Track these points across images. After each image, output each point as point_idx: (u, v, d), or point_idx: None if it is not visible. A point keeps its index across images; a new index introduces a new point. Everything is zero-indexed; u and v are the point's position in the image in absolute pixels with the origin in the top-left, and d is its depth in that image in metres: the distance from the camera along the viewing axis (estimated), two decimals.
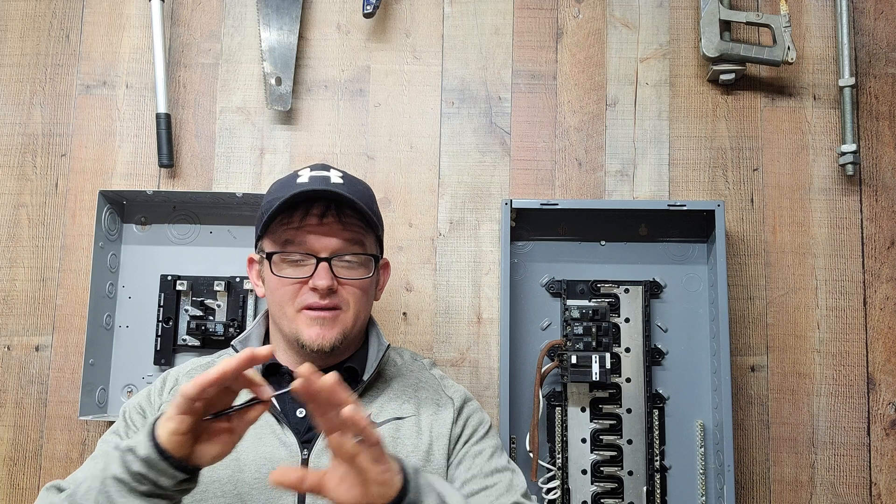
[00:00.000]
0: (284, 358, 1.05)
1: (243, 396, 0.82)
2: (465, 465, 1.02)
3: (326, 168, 1.06)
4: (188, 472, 0.79)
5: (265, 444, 0.97)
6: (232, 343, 1.07)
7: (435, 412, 1.04)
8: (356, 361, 1.05)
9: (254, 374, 0.80)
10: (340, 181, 1.03)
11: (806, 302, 1.41)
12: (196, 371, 1.08)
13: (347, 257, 1.01)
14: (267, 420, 0.99)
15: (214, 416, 0.79)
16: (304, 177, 1.03)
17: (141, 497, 0.78)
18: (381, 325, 1.40)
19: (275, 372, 1.04)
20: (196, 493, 0.93)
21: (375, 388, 1.05)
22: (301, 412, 1.00)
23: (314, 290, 0.99)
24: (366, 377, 1.03)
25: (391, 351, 1.13)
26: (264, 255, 1.04)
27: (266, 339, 1.09)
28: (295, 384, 0.73)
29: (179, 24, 1.52)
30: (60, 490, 0.93)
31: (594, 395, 1.37)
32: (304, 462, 0.95)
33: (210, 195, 1.40)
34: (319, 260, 0.99)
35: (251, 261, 1.11)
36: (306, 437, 0.97)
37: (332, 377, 0.73)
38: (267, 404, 0.81)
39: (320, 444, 0.97)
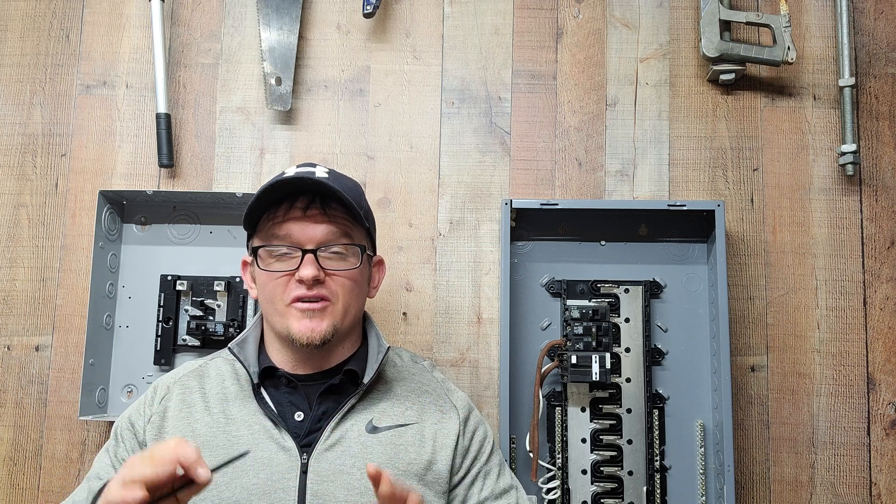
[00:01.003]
0: (280, 359, 1.04)
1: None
2: (478, 485, 1.03)
3: (312, 165, 1.06)
4: None
5: (263, 448, 0.96)
6: (229, 346, 1.05)
7: (439, 420, 1.04)
8: (355, 364, 1.04)
9: (190, 453, 0.74)
10: (325, 175, 1.02)
11: (806, 302, 1.41)
12: (189, 377, 1.07)
13: (334, 248, 1.01)
14: (264, 425, 0.98)
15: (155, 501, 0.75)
16: (290, 172, 1.04)
17: None
18: (380, 326, 1.40)
19: (271, 375, 1.03)
20: (195, 499, 0.93)
21: (376, 390, 1.05)
22: (299, 416, 0.99)
23: (301, 281, 0.98)
24: (366, 380, 1.02)
25: (390, 352, 1.12)
26: (252, 252, 1.04)
27: (262, 341, 1.08)
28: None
29: (179, 24, 1.52)
30: None
31: (594, 395, 1.37)
32: (304, 466, 0.95)
33: (210, 195, 1.40)
34: (305, 252, 0.98)
35: (245, 264, 1.10)
36: (305, 442, 0.97)
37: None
38: (206, 484, 0.76)
39: (320, 447, 0.96)
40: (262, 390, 1.02)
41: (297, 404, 1.00)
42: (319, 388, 1.01)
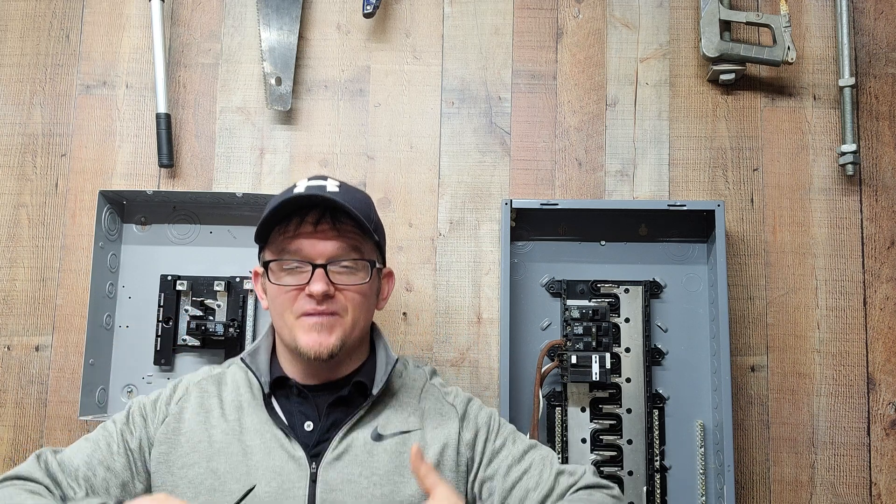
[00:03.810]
0: (290, 370, 1.05)
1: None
2: (497, 460, 1.03)
3: (324, 178, 1.07)
4: None
5: (274, 457, 0.97)
6: (241, 357, 1.06)
7: (439, 423, 1.04)
8: (364, 375, 1.05)
9: None
10: (336, 189, 1.03)
11: (806, 302, 1.41)
12: (207, 382, 1.07)
13: (343, 263, 1.01)
14: (275, 434, 0.99)
15: None
16: (301, 187, 1.04)
17: None
18: (381, 326, 1.39)
19: (282, 385, 1.04)
20: None
21: (382, 401, 1.05)
22: (309, 426, 1.00)
23: (311, 296, 0.99)
24: (374, 392, 1.03)
25: (398, 363, 1.13)
26: (263, 265, 1.05)
27: (274, 351, 1.09)
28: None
29: (179, 24, 1.52)
30: (48, 464, 0.97)
31: (594, 395, 1.37)
32: (313, 475, 0.96)
33: (210, 195, 1.40)
34: (315, 266, 0.99)
35: (256, 275, 1.11)
36: (314, 452, 0.98)
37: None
38: None
39: (328, 457, 0.97)
40: (274, 400, 1.03)
41: (307, 414, 1.01)
42: (329, 399, 1.02)
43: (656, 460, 1.34)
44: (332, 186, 1.04)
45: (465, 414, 1.07)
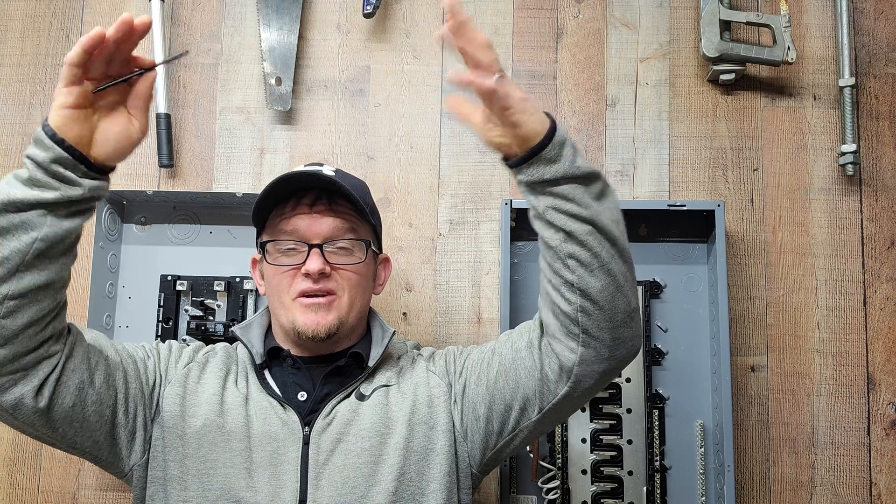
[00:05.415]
0: (286, 344, 1.08)
1: None
2: (469, 361, 1.05)
3: (320, 164, 1.10)
4: (85, 162, 0.86)
5: (270, 424, 1.00)
6: (232, 329, 1.09)
7: (411, 373, 1.08)
8: (360, 348, 1.07)
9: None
10: (332, 173, 1.06)
11: (806, 302, 1.41)
12: (230, 349, 1.10)
13: (339, 243, 1.04)
14: (271, 402, 1.02)
15: (100, 88, 0.87)
16: (298, 169, 1.07)
17: (28, 185, 0.86)
18: None
19: (276, 356, 1.06)
20: (207, 461, 0.97)
21: (372, 371, 1.09)
22: (303, 395, 1.03)
23: (307, 275, 1.01)
24: (371, 363, 1.05)
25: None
26: (261, 247, 1.07)
27: (269, 331, 1.11)
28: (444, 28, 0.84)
29: (179, 24, 1.52)
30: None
31: (594, 396, 1.37)
32: (306, 438, 0.99)
33: (210, 195, 1.40)
34: (311, 246, 1.02)
35: (254, 262, 1.14)
36: (307, 420, 1.00)
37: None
38: (153, 73, 0.85)
39: (320, 423, 1.00)
40: (267, 371, 1.06)
41: (301, 384, 1.04)
42: (324, 370, 1.04)
43: (656, 460, 1.34)
44: (328, 170, 1.07)
45: (432, 356, 1.11)
